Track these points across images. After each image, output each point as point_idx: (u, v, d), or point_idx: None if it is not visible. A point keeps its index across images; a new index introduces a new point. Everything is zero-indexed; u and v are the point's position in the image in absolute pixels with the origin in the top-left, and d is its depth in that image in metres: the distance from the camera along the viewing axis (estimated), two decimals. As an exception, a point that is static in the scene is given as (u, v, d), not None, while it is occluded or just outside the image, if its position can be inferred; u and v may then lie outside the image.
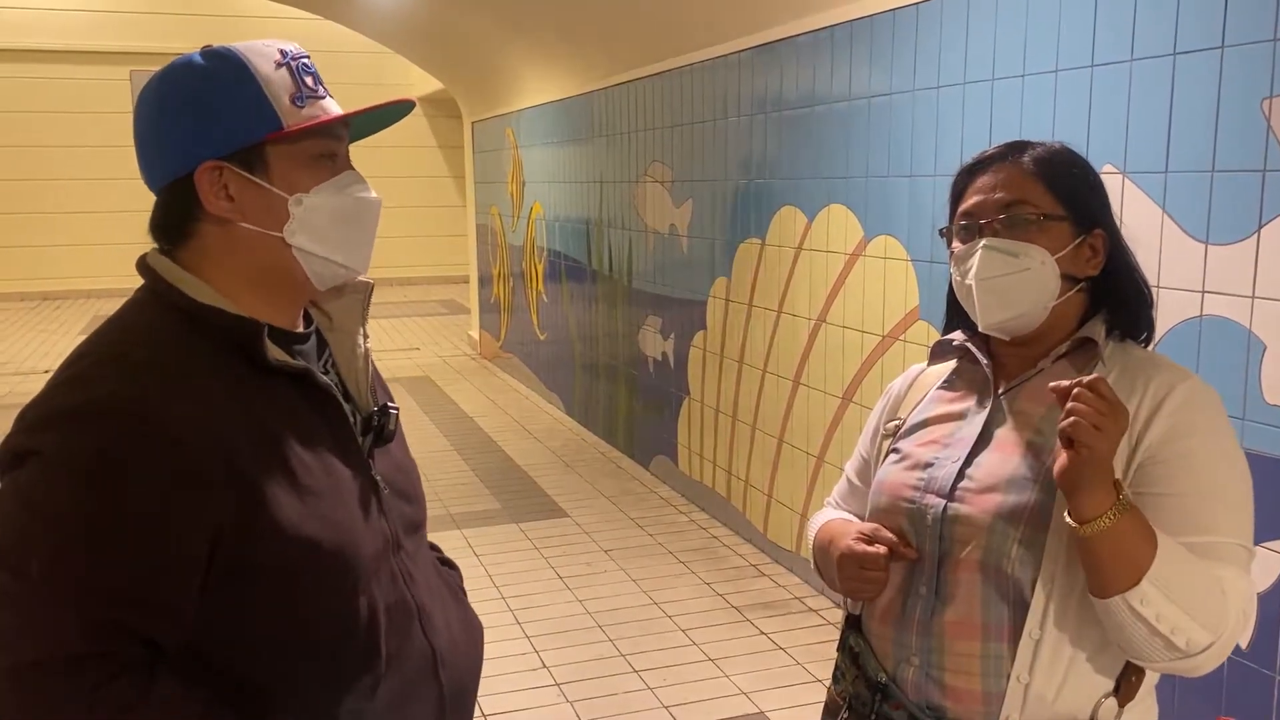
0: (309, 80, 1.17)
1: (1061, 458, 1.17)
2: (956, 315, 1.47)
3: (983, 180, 1.36)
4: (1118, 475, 1.24)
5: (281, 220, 1.15)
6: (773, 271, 4.27)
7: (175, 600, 1.06)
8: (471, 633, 1.36)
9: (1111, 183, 2.52)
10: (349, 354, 1.28)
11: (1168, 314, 2.39)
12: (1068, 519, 1.19)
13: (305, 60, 1.19)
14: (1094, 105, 2.58)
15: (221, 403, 1.09)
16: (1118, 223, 1.37)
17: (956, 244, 1.37)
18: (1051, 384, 1.20)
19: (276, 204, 1.15)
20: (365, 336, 1.30)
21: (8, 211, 14.07)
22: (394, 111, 1.23)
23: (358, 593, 1.15)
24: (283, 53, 1.17)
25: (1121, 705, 1.28)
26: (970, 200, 1.36)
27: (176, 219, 1.17)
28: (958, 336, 1.46)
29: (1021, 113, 2.82)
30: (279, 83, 1.15)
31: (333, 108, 1.20)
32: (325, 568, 1.12)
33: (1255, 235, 2.19)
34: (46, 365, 8.98)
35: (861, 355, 3.65)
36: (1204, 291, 2.30)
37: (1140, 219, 2.45)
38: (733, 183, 4.55)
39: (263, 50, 1.16)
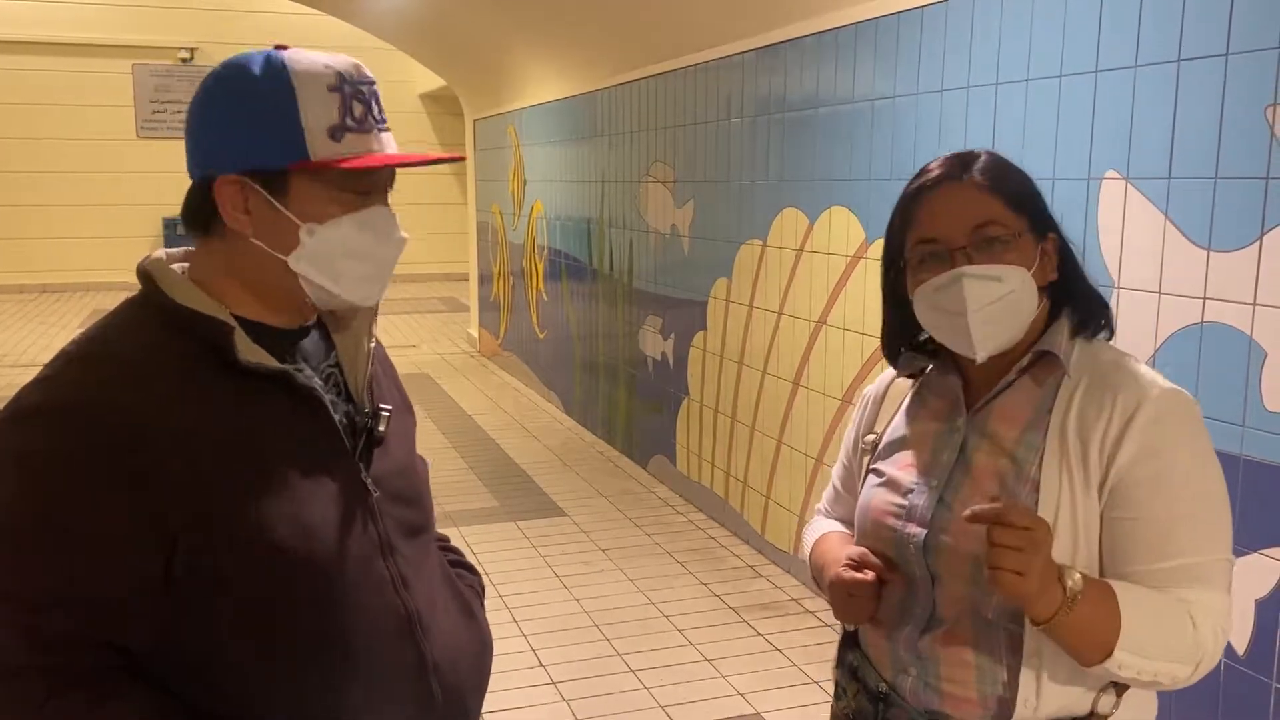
0: (358, 110, 1.13)
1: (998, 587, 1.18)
2: (902, 336, 1.44)
3: (938, 203, 1.31)
4: (1092, 495, 1.25)
5: (290, 246, 1.13)
6: (774, 273, 4.27)
7: (130, 604, 1.04)
8: (476, 642, 1.33)
9: (1115, 188, 2.53)
10: (353, 354, 1.27)
11: (1169, 320, 2.39)
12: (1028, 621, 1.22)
13: (364, 87, 1.14)
14: (1098, 111, 2.58)
15: (188, 404, 1.08)
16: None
17: (925, 274, 1.31)
18: (966, 514, 1.17)
19: (289, 229, 1.13)
20: (371, 338, 1.28)
21: (7, 203, 14.05)
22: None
23: (332, 597, 1.13)
24: (341, 76, 1.13)
25: (1119, 695, 1.29)
26: (930, 226, 1.31)
27: (198, 214, 1.16)
28: (922, 347, 1.44)
29: (1025, 117, 2.82)
30: (320, 111, 1.11)
31: (378, 144, 1.15)
32: (296, 571, 1.10)
33: (1258, 242, 2.19)
34: (44, 358, 8.96)
35: (862, 358, 3.65)
36: (1205, 298, 2.30)
37: (1143, 225, 2.45)
38: (735, 184, 4.56)
39: (320, 72, 1.12)
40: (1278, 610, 2.19)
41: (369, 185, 1.16)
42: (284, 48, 1.14)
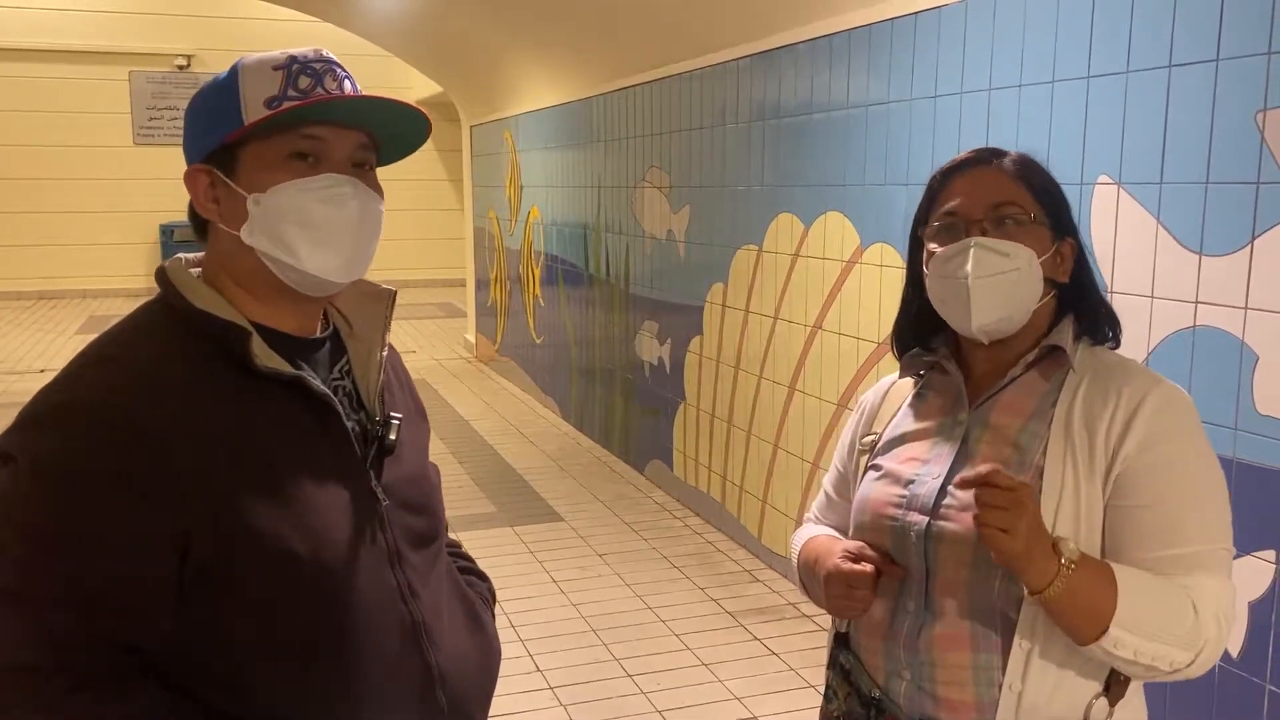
0: (303, 83, 1.13)
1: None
2: (914, 330, 1.47)
3: (965, 182, 1.37)
4: (1095, 483, 1.27)
5: (243, 220, 1.14)
6: (769, 278, 4.29)
7: (142, 605, 1.05)
8: (483, 652, 1.33)
9: (1107, 193, 2.55)
10: (365, 362, 1.27)
11: (1161, 324, 2.40)
12: (1025, 593, 1.23)
13: (316, 64, 1.15)
14: (1090, 116, 2.60)
15: (203, 408, 1.08)
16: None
17: (935, 245, 1.37)
18: (957, 480, 1.25)
19: (240, 204, 1.14)
20: (384, 346, 1.28)
21: (4, 210, 14.04)
22: (415, 132, 1.20)
23: (340, 604, 1.13)
24: (291, 57, 1.15)
25: (1112, 705, 1.29)
26: (954, 200, 1.36)
27: (191, 219, 1.21)
28: (930, 348, 1.46)
29: (1018, 123, 2.84)
30: (261, 86, 1.13)
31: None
32: (304, 578, 1.10)
33: (1248, 247, 2.20)
34: (42, 365, 8.97)
35: (857, 362, 3.67)
36: (1197, 302, 2.32)
37: (1135, 229, 2.47)
38: (730, 189, 4.57)
39: (272, 57, 1.15)
40: (1271, 612, 2.21)
41: (312, 148, 1.14)
42: None
